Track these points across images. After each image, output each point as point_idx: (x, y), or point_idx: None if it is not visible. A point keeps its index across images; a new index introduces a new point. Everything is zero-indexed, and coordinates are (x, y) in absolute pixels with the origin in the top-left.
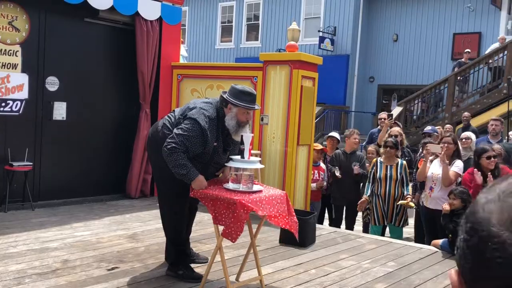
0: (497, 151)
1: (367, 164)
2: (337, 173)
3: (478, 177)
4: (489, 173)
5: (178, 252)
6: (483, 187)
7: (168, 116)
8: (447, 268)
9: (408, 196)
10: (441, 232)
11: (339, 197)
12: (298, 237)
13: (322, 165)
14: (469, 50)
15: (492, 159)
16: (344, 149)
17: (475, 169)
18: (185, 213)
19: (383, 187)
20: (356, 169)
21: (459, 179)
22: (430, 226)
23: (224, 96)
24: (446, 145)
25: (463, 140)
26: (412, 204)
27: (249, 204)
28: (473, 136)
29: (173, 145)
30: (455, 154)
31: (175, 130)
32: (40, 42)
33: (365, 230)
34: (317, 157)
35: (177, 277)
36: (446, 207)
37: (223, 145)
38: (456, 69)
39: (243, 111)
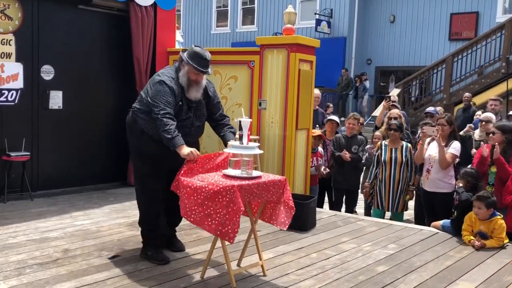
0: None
1: (368, 146)
2: (339, 153)
3: (484, 150)
4: (496, 145)
5: (147, 232)
6: (490, 160)
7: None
8: (448, 249)
9: (410, 188)
10: (440, 213)
11: (340, 180)
12: (299, 221)
13: (320, 150)
14: None
15: (491, 135)
16: (345, 133)
17: (482, 143)
18: (156, 199)
19: (388, 171)
20: (345, 155)
21: (457, 160)
22: (429, 208)
23: (181, 54)
24: (440, 127)
25: (483, 122)
26: (407, 197)
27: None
28: (494, 117)
29: (156, 110)
30: (452, 136)
31: (148, 100)
32: (34, 30)
33: (367, 213)
34: (315, 144)
35: (146, 258)
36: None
37: (186, 103)
38: None
39: (193, 71)
